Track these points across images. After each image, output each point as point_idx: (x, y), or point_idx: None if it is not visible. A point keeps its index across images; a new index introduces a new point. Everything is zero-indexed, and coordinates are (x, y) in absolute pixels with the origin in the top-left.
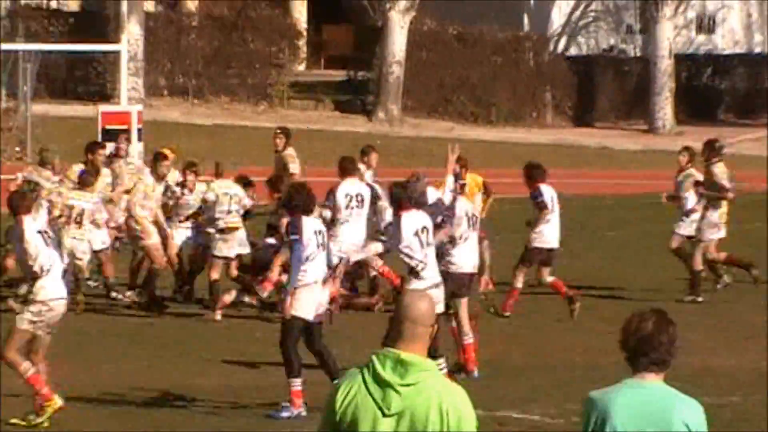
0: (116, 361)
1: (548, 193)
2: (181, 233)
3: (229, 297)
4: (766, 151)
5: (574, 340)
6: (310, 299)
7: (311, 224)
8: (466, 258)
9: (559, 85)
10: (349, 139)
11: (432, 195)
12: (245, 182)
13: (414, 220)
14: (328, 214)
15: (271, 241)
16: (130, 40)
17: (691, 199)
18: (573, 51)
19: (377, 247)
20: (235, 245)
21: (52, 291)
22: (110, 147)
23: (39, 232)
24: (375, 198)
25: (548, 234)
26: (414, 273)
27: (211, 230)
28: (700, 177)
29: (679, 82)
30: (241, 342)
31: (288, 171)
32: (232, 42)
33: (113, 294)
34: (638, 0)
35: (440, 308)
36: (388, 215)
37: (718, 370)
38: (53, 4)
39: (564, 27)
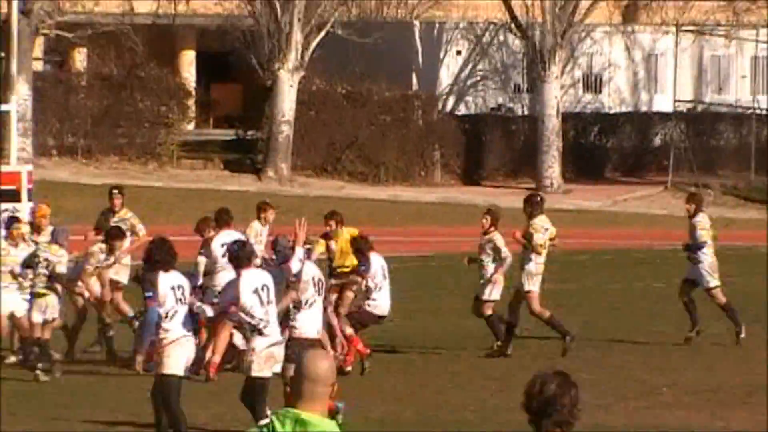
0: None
1: (377, 262)
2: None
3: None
4: (652, 209)
5: (467, 398)
6: (180, 354)
7: (168, 280)
8: (310, 323)
9: (447, 143)
10: (238, 198)
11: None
12: (116, 233)
13: (253, 278)
14: (202, 259)
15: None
16: (19, 99)
17: (490, 265)
18: (461, 110)
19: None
20: (39, 310)
21: None
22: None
23: None
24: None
25: (382, 302)
26: (257, 331)
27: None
28: (501, 242)
29: (567, 141)
30: (136, 403)
31: (138, 233)
32: (121, 101)
33: None
34: (525, 59)
35: (278, 368)
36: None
37: (611, 429)
38: None
39: (452, 86)
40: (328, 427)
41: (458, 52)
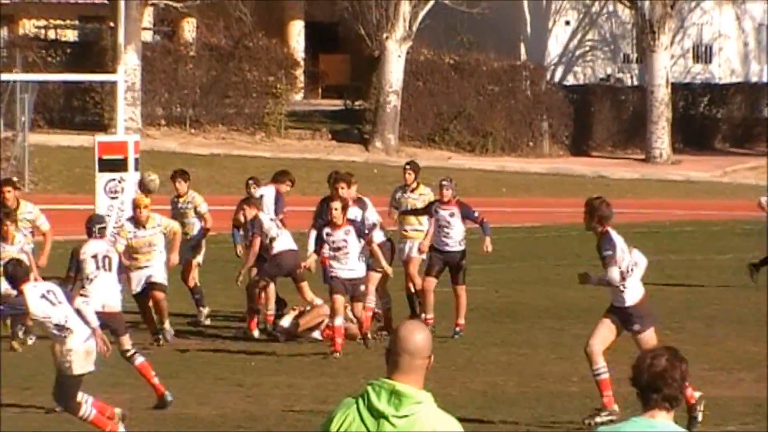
0: (111, 389)
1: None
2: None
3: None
4: (761, 180)
5: (570, 370)
6: None
7: None
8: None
9: (555, 113)
10: (345, 168)
11: None
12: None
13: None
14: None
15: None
16: (128, 70)
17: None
18: (570, 80)
19: None
20: None
21: None
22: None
23: None
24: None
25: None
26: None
27: None
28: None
29: (676, 111)
30: (238, 371)
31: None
32: (230, 71)
33: None
34: (635, 29)
35: None
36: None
37: (714, 401)
38: (51, 35)
39: (561, 56)
40: (423, 399)
41: (567, 22)
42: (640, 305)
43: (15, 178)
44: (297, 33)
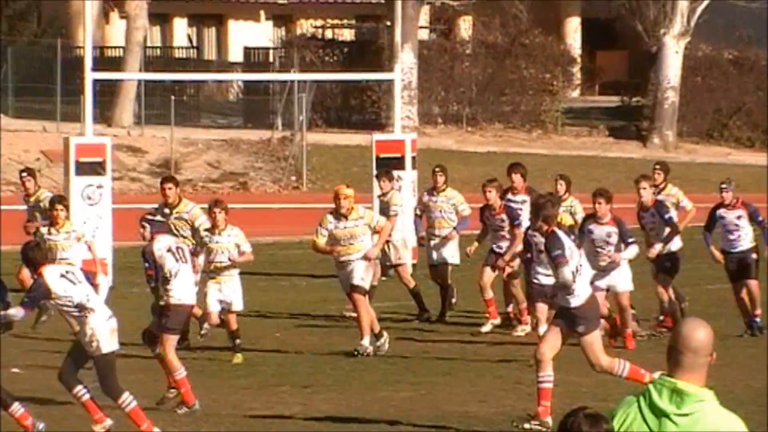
0: (391, 388)
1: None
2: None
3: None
4: None
5: None
6: None
7: None
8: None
9: None
10: (623, 165)
11: None
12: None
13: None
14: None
15: None
16: (404, 68)
17: None
18: None
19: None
20: None
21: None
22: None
23: None
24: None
25: None
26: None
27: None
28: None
29: None
30: (516, 368)
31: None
32: (506, 69)
33: None
34: None
35: None
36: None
37: None
38: (328, 34)
39: None
40: (706, 397)
41: None
42: (585, 307)
43: (293, 177)
44: (574, 30)
